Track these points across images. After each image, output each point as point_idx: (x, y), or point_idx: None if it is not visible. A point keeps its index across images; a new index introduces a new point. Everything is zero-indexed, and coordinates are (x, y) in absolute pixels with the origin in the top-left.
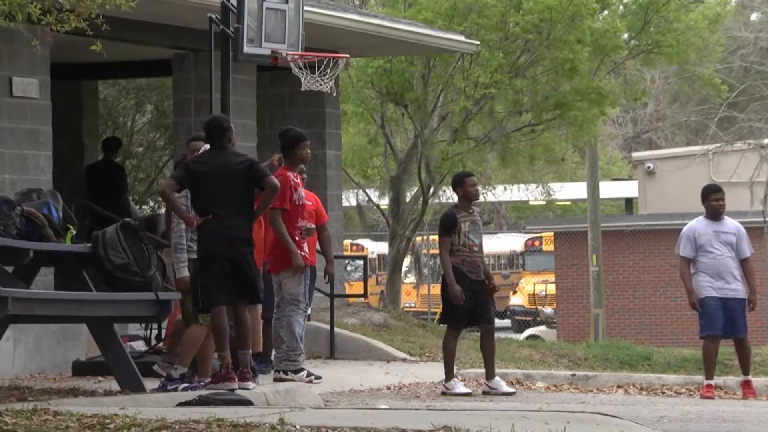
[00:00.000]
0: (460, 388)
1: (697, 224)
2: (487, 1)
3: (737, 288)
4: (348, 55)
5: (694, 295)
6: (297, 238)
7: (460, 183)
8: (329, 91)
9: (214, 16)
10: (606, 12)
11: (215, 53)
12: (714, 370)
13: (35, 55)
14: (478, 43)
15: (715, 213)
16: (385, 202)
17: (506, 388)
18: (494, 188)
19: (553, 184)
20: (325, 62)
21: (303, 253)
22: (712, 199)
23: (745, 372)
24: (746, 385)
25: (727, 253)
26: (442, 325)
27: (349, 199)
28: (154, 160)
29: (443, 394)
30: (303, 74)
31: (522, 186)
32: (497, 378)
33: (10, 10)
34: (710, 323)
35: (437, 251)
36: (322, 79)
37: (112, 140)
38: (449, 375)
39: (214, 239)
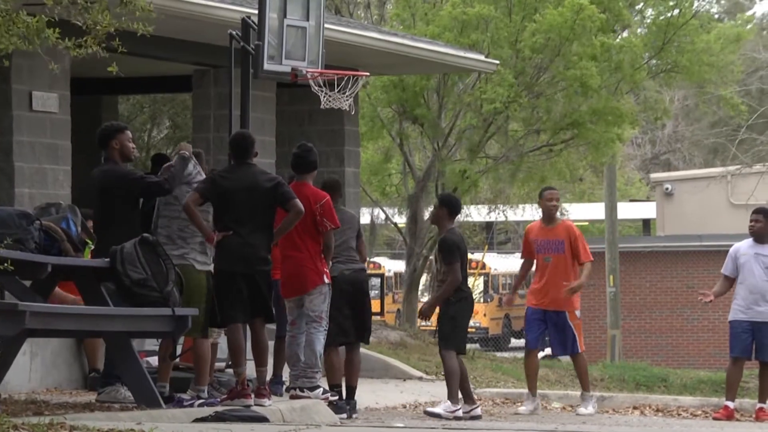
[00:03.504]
0: None
1: (742, 244)
2: (494, 16)
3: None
4: (368, 73)
5: (709, 298)
6: None
7: None
8: (348, 109)
9: (234, 33)
10: (626, 33)
11: (235, 70)
12: (734, 392)
13: (55, 71)
14: (497, 62)
15: (751, 234)
16: (401, 220)
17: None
18: (512, 207)
19: (566, 205)
20: (344, 80)
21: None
22: (750, 220)
23: (762, 399)
24: (761, 411)
25: (764, 277)
26: None
27: (365, 216)
28: None
29: None
30: (322, 92)
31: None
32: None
33: (27, 35)
34: (733, 345)
35: None
36: (342, 97)
37: (159, 156)
38: None
39: (232, 256)
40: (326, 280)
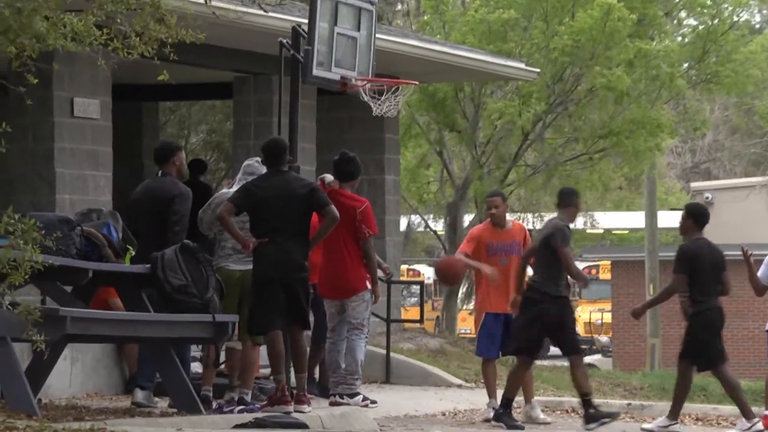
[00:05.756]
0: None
1: None
2: (521, 22)
3: None
4: (417, 82)
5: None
6: None
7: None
8: (396, 116)
9: (285, 41)
10: (666, 41)
11: (284, 78)
12: None
13: (97, 76)
14: (537, 70)
15: None
16: (439, 227)
17: None
18: (539, 216)
19: (597, 214)
20: (392, 88)
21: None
22: None
23: None
24: None
25: None
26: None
27: (402, 222)
28: (208, 180)
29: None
30: (374, 101)
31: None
32: None
33: (74, 37)
34: None
35: None
36: (392, 104)
37: (197, 162)
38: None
39: (270, 263)
40: (368, 286)
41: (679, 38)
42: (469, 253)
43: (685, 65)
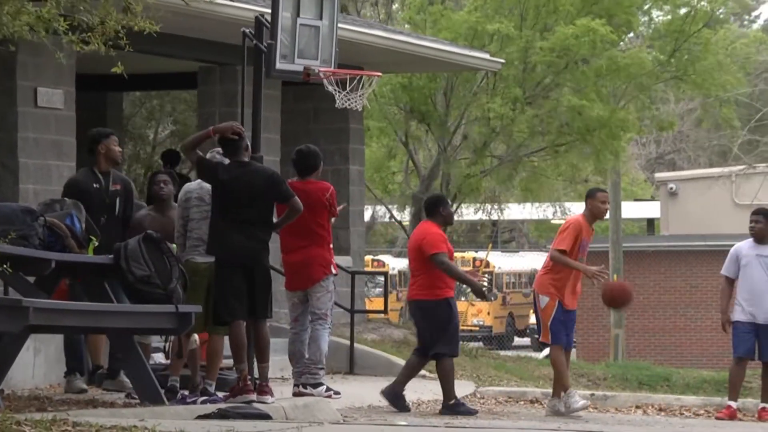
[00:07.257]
0: None
1: (743, 245)
2: (510, 33)
3: None
4: (380, 73)
5: (724, 317)
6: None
7: None
8: (361, 109)
9: (247, 31)
10: (632, 34)
11: (247, 68)
12: (737, 392)
13: (60, 66)
14: (502, 61)
15: (751, 235)
16: (403, 218)
17: None
18: (507, 207)
19: (569, 204)
20: (356, 79)
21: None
22: (750, 221)
23: (764, 399)
24: (764, 411)
25: (765, 278)
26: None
27: (367, 213)
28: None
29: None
30: (337, 92)
31: (540, 204)
32: None
33: (34, 24)
34: (737, 346)
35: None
36: (356, 97)
37: (170, 153)
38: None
39: (233, 252)
40: (333, 271)
41: (646, 29)
42: (566, 250)
43: (650, 57)
